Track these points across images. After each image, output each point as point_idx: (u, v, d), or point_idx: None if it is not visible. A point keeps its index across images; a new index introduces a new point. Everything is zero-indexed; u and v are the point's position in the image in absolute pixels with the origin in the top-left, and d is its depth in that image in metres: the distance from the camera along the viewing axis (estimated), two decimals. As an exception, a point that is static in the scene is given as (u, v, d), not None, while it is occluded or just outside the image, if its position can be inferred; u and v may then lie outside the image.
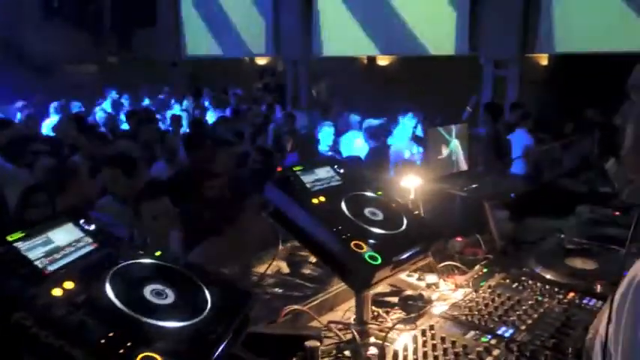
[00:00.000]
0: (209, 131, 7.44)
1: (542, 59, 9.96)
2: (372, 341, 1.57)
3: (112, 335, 1.01)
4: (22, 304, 1.04)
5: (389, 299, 1.84)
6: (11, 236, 1.17)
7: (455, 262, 2.09)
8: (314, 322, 1.68)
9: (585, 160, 4.56)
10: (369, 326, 1.63)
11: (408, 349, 1.48)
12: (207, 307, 1.20)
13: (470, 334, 1.57)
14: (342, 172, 1.85)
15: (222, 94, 11.83)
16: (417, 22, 9.97)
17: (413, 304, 1.75)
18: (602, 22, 8.17)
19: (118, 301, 1.10)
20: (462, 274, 2.04)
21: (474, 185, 2.65)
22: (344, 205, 1.67)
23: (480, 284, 1.91)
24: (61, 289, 1.09)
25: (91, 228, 1.33)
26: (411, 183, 2.17)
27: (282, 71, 12.74)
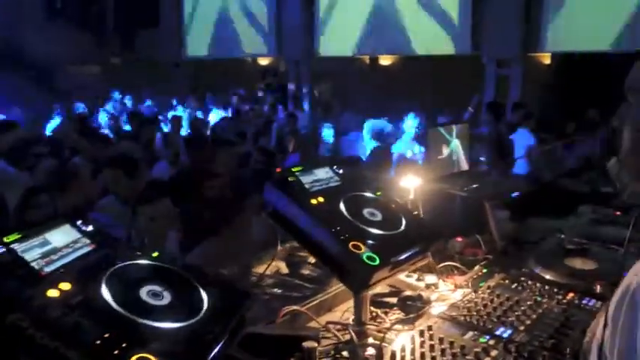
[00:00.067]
0: (210, 131, 7.46)
1: (545, 58, 9.94)
2: (370, 342, 1.57)
3: (107, 336, 1.02)
4: (19, 305, 1.04)
5: (388, 300, 1.84)
6: (8, 237, 1.17)
7: (455, 263, 2.08)
8: (312, 323, 1.68)
9: (587, 160, 4.55)
10: (367, 327, 1.63)
11: (405, 349, 1.48)
12: (204, 307, 1.20)
13: (468, 334, 1.57)
14: (341, 172, 1.85)
15: (224, 94, 11.84)
16: (418, 21, 9.96)
17: (412, 304, 1.75)
18: (606, 21, 8.15)
19: (114, 302, 1.10)
20: (462, 274, 2.03)
21: (474, 185, 2.64)
22: (342, 206, 1.67)
23: (480, 285, 1.91)
24: (58, 290, 1.10)
25: (89, 229, 1.33)
26: (411, 183, 2.16)
27: (284, 71, 12.74)
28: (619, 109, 1.11)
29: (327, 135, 6.99)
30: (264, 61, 13.43)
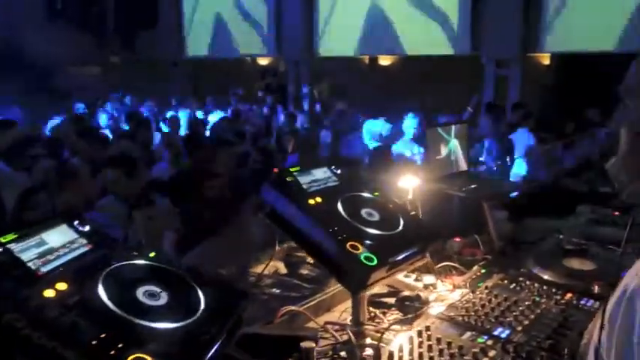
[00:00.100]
0: (209, 131, 7.46)
1: (544, 59, 9.94)
2: (368, 342, 1.57)
3: (103, 336, 1.01)
4: (15, 305, 1.04)
5: (386, 300, 1.84)
6: (4, 237, 1.17)
7: (453, 263, 2.08)
8: (311, 323, 1.68)
9: (586, 160, 4.55)
10: (365, 327, 1.62)
11: (403, 349, 1.48)
12: (201, 307, 1.20)
13: (466, 335, 1.56)
14: (339, 172, 1.85)
15: (224, 94, 11.84)
16: (418, 22, 9.96)
17: (410, 304, 1.75)
18: (605, 21, 8.15)
19: (110, 303, 1.10)
20: (460, 274, 2.03)
21: (472, 185, 2.64)
22: (340, 206, 1.67)
23: (478, 285, 1.90)
24: (54, 290, 1.09)
25: (86, 229, 1.33)
26: (409, 183, 2.16)
27: (284, 72, 12.74)
28: (614, 112, 1.11)
29: (326, 135, 6.99)
30: (263, 61, 13.43)
